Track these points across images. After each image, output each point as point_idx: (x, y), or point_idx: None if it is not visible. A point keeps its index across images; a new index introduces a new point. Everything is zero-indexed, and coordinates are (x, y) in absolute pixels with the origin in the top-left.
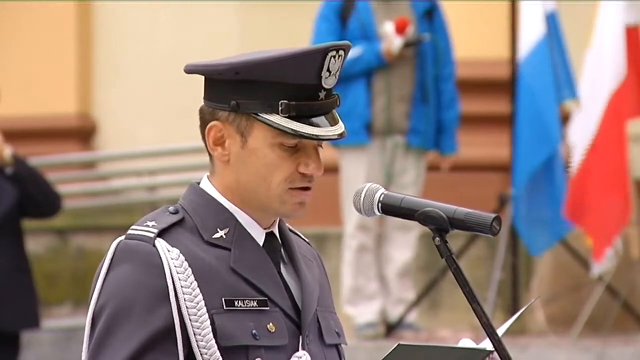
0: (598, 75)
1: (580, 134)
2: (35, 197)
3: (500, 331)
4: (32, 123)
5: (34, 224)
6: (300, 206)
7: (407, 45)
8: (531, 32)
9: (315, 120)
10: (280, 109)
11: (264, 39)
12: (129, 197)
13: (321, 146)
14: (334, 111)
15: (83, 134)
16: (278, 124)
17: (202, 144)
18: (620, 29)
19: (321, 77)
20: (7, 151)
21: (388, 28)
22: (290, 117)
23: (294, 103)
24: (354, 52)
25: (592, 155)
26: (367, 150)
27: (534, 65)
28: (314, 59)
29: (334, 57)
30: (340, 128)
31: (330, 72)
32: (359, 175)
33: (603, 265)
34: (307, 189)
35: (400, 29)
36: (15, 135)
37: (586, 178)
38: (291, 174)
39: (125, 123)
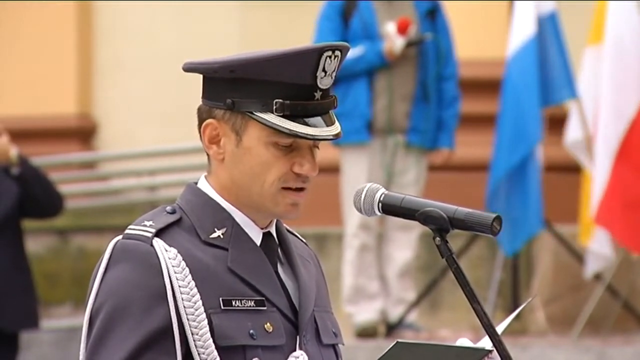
0: (622, 77)
1: (605, 138)
2: (38, 197)
3: (498, 330)
4: (32, 123)
5: (34, 223)
6: (294, 207)
7: (409, 44)
8: (520, 32)
9: (310, 120)
10: (274, 107)
11: (264, 39)
12: (129, 197)
13: (317, 147)
14: (331, 112)
15: (83, 133)
16: (272, 123)
17: (202, 143)
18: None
19: (316, 77)
20: (13, 151)
21: (390, 28)
22: (284, 116)
23: (289, 102)
24: (356, 52)
25: (624, 159)
26: (368, 149)
27: (519, 64)
28: (309, 59)
29: (330, 57)
30: (335, 128)
31: (325, 72)
32: (360, 174)
33: (598, 264)
34: (300, 189)
35: (402, 29)
36: (15, 135)
37: (619, 184)
38: (284, 173)
39: (125, 123)
